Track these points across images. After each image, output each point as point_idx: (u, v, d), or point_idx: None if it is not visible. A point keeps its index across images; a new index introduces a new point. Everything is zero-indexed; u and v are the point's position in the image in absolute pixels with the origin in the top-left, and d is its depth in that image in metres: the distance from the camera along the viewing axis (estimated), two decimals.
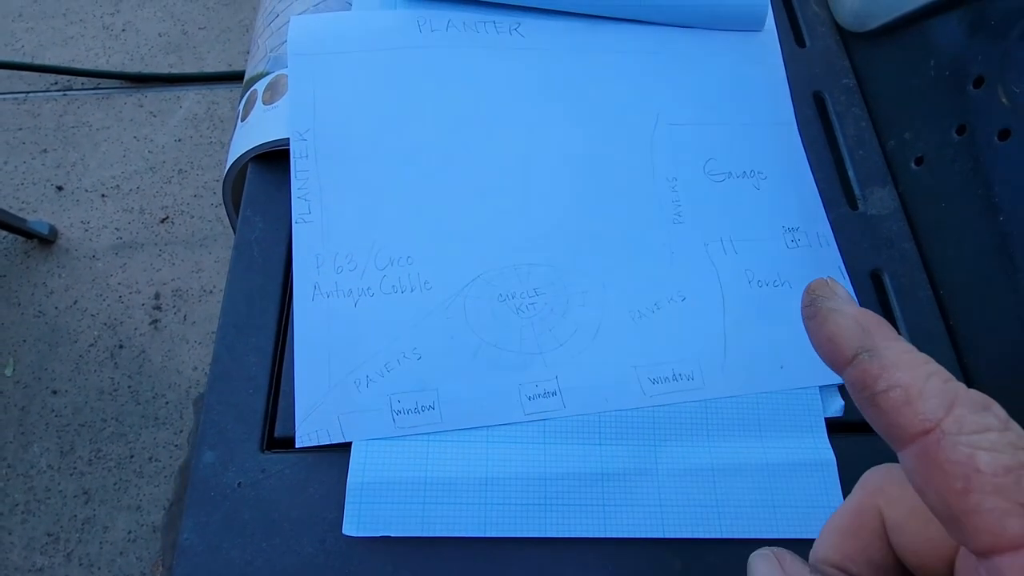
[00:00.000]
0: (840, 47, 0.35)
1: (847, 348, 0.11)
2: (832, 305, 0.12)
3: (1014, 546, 0.09)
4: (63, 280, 0.93)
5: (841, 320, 0.11)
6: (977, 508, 0.09)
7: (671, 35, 0.32)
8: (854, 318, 0.11)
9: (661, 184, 0.29)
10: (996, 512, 0.09)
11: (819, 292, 0.12)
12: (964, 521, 0.09)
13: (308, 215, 0.25)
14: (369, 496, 0.22)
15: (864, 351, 0.11)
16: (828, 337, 0.12)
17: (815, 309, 0.12)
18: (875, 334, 0.11)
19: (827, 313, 0.12)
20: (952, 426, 0.10)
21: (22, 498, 0.82)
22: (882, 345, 0.11)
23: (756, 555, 0.13)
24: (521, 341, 0.25)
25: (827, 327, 0.12)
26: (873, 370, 0.11)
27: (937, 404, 0.10)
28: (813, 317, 0.12)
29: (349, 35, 0.28)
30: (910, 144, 0.31)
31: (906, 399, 0.10)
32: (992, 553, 0.09)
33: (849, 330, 0.11)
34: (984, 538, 0.09)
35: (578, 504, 0.23)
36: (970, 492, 0.09)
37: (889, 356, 0.11)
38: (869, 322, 0.11)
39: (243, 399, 0.24)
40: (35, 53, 1.07)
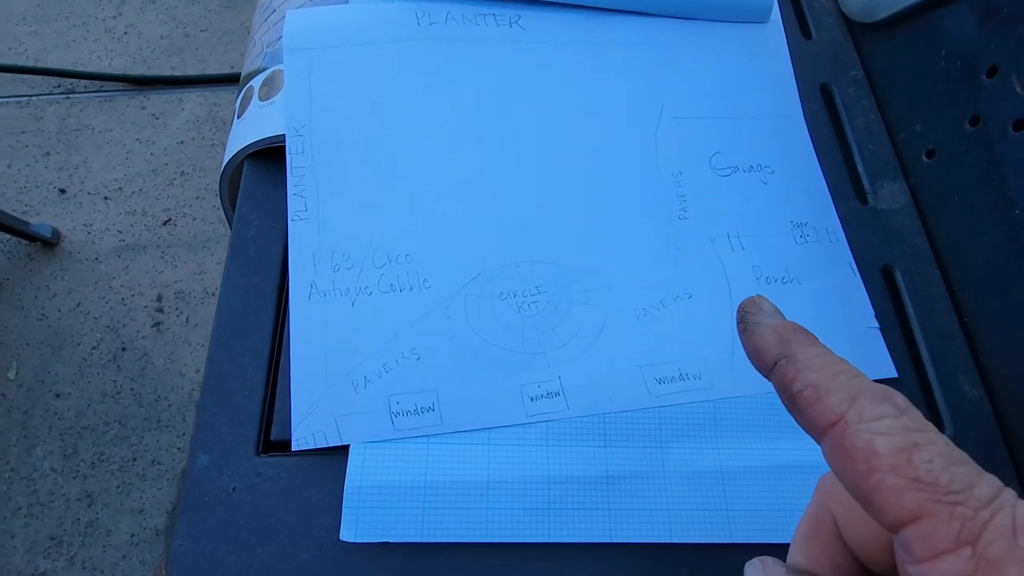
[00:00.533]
0: (847, 38, 0.34)
1: (769, 356, 0.13)
2: (757, 319, 0.13)
3: (912, 518, 0.10)
4: (66, 283, 0.93)
5: (763, 332, 0.13)
6: (879, 486, 0.10)
7: (674, 27, 0.31)
8: (774, 329, 0.13)
9: (666, 179, 0.28)
10: (894, 488, 0.10)
11: (747, 309, 0.14)
12: (872, 500, 0.10)
13: (304, 212, 0.25)
14: (367, 501, 0.21)
15: (783, 357, 0.12)
16: (754, 348, 0.13)
17: (744, 324, 0.14)
18: (792, 342, 0.12)
19: (753, 327, 0.13)
20: (854, 416, 0.11)
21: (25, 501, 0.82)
22: (798, 351, 0.12)
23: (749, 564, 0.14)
24: (523, 340, 0.24)
25: (752, 339, 0.13)
26: (790, 373, 0.12)
27: (842, 398, 0.11)
28: (744, 332, 0.14)
29: (346, 28, 0.28)
30: (921, 136, 0.30)
31: (816, 396, 0.11)
32: (898, 526, 0.10)
33: (769, 340, 0.13)
34: (889, 513, 0.10)
35: (583, 508, 0.22)
36: (872, 472, 0.10)
37: (802, 360, 0.12)
38: (787, 332, 0.13)
39: (238, 401, 0.24)
40: (38, 56, 1.08)
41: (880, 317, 0.27)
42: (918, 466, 0.10)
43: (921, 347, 0.27)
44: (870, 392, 0.11)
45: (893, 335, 0.27)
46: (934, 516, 0.10)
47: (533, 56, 0.29)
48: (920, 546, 0.10)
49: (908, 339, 0.27)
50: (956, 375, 0.26)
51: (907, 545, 0.10)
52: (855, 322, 0.26)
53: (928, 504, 0.10)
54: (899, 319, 0.27)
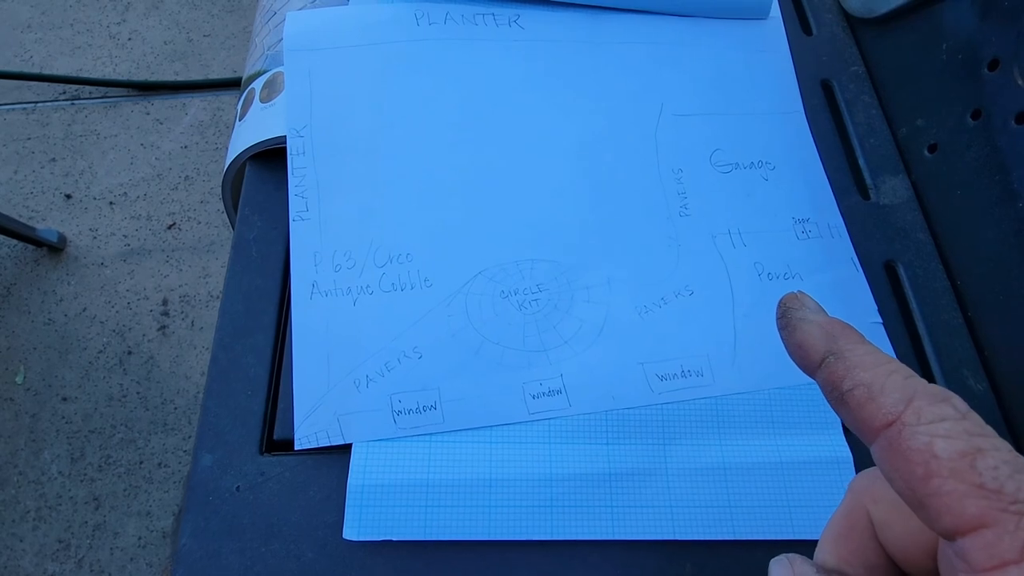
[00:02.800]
0: (847, 34, 0.34)
1: (815, 353, 0.12)
2: (801, 315, 0.13)
3: (973, 526, 0.09)
4: (72, 287, 0.93)
5: (809, 328, 0.13)
6: (938, 491, 0.10)
7: (673, 25, 0.31)
8: (821, 326, 0.13)
9: (667, 176, 0.28)
10: (955, 495, 0.09)
11: (790, 304, 0.14)
12: (928, 505, 0.10)
13: (305, 212, 0.25)
14: (370, 499, 0.21)
15: (831, 355, 0.12)
16: (799, 344, 0.13)
17: (787, 320, 0.13)
18: (840, 339, 0.12)
19: (797, 323, 0.13)
20: (911, 417, 0.10)
21: (33, 505, 0.82)
22: (846, 348, 0.12)
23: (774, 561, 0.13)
24: (524, 338, 0.24)
25: (797, 335, 0.13)
26: (839, 371, 0.12)
27: (898, 398, 0.11)
28: (785, 327, 0.13)
29: (346, 29, 0.28)
30: (923, 131, 0.30)
31: (869, 396, 0.11)
32: (956, 534, 0.10)
33: (816, 337, 0.12)
34: (947, 520, 0.10)
35: (585, 506, 0.22)
36: (931, 477, 0.10)
37: (853, 358, 0.12)
38: (835, 329, 0.12)
39: (241, 401, 0.24)
40: (44, 63, 1.09)
41: (883, 312, 0.27)
42: (982, 472, 0.09)
43: (925, 342, 0.26)
44: (928, 393, 0.11)
45: (896, 330, 0.27)
46: (999, 525, 0.09)
47: (532, 55, 0.29)
48: (981, 556, 0.09)
49: (912, 334, 0.27)
50: (960, 369, 0.26)
51: (964, 554, 0.09)
52: (858, 317, 0.26)
53: (992, 512, 0.09)
54: (902, 314, 0.27)
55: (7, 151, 1.02)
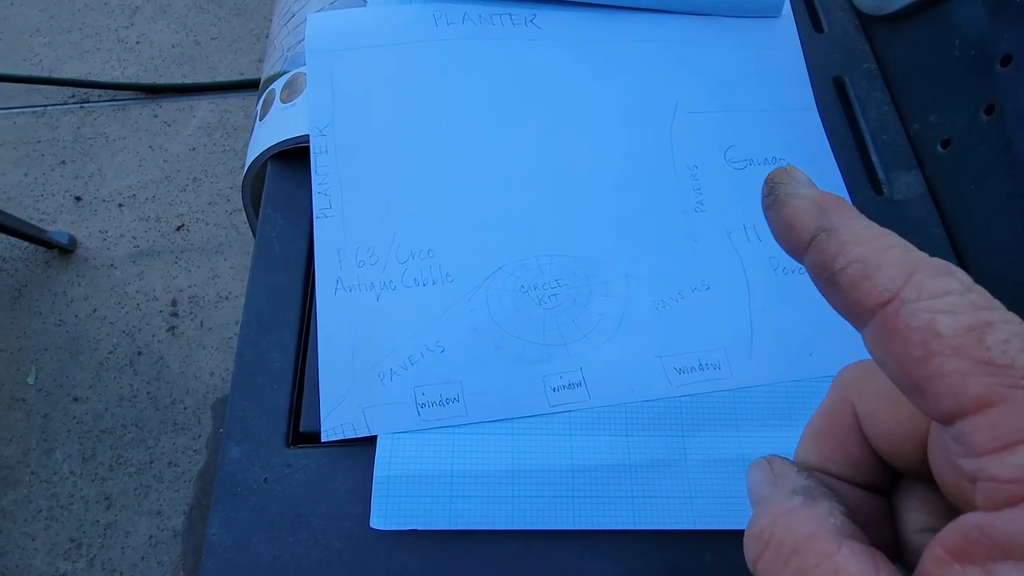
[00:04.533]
0: (859, 31, 0.34)
1: (805, 231, 0.11)
2: (789, 190, 0.11)
3: (978, 406, 0.08)
4: (82, 289, 0.94)
5: (798, 203, 0.11)
6: (938, 372, 0.09)
7: (687, 23, 0.31)
8: (812, 199, 0.11)
9: (682, 173, 0.28)
10: (957, 373, 0.09)
11: (777, 179, 0.12)
12: (926, 388, 0.09)
13: (329, 210, 0.25)
14: (396, 489, 0.22)
15: (822, 231, 0.10)
16: (786, 223, 0.11)
17: (773, 197, 0.12)
18: (833, 213, 0.11)
19: (784, 198, 0.11)
20: (911, 293, 0.09)
21: (45, 504, 0.83)
22: (840, 223, 0.10)
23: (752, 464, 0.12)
24: (544, 332, 0.25)
25: (785, 212, 0.11)
26: (831, 248, 0.10)
27: (896, 273, 0.09)
28: (772, 206, 0.12)
29: (366, 30, 0.28)
30: (936, 127, 0.30)
31: (864, 273, 0.10)
32: (956, 417, 0.09)
33: (806, 212, 0.11)
34: (946, 403, 0.09)
35: (606, 496, 0.22)
36: (931, 357, 0.09)
37: (846, 232, 0.10)
38: (827, 202, 0.11)
39: (267, 395, 0.24)
40: (53, 67, 1.10)
41: None
42: (991, 347, 0.08)
43: None
44: (929, 266, 0.09)
45: None
46: (1007, 402, 0.08)
47: (549, 54, 0.29)
48: (984, 436, 0.08)
49: None
50: None
51: (964, 437, 0.09)
52: None
53: (1000, 390, 0.08)
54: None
55: (17, 154, 1.03)
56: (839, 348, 0.25)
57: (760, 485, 0.12)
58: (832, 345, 0.25)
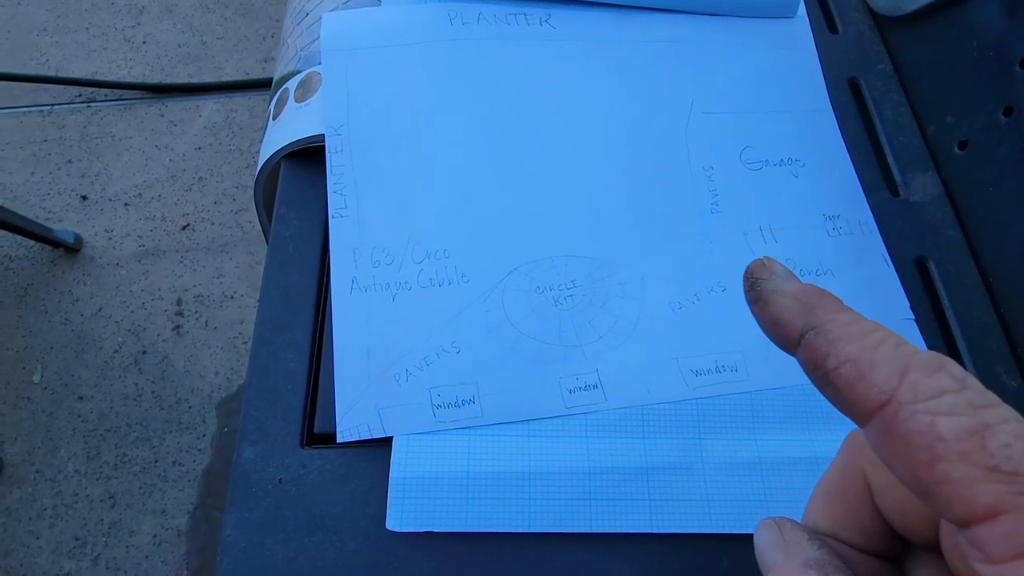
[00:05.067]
0: (874, 32, 0.34)
1: (792, 330, 0.11)
2: (772, 286, 0.11)
3: (989, 514, 0.08)
4: (88, 288, 0.94)
5: (782, 300, 0.11)
6: (946, 478, 0.09)
7: (702, 23, 0.31)
8: (794, 296, 0.11)
9: (697, 174, 0.28)
10: (965, 481, 0.08)
11: (757, 274, 0.12)
12: (936, 492, 0.09)
13: (344, 210, 0.25)
14: (412, 491, 0.22)
15: (809, 329, 0.11)
16: (772, 320, 0.11)
17: (756, 293, 0.12)
18: (818, 309, 0.11)
19: (768, 295, 0.11)
20: (907, 394, 0.09)
21: (50, 503, 0.83)
22: (826, 320, 0.10)
23: (760, 524, 0.12)
24: (560, 334, 0.24)
25: (769, 310, 0.11)
26: (821, 348, 0.10)
27: (889, 373, 0.09)
28: (756, 301, 0.12)
29: (381, 30, 0.28)
30: (953, 128, 0.30)
31: (857, 373, 0.10)
32: (969, 523, 0.09)
33: (791, 310, 0.11)
34: (958, 509, 0.09)
35: (623, 499, 0.22)
36: (936, 462, 0.09)
37: (835, 330, 0.10)
38: (811, 297, 0.11)
39: (282, 395, 0.24)
40: (60, 66, 1.10)
41: (915, 309, 0.27)
42: (994, 452, 0.08)
43: (958, 339, 0.27)
44: (921, 363, 0.09)
45: (929, 327, 0.27)
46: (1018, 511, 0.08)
47: (564, 54, 0.29)
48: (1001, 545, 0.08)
49: (944, 331, 0.27)
50: (994, 366, 0.26)
51: (981, 544, 0.09)
52: (890, 314, 0.26)
53: (1009, 498, 0.08)
54: (934, 311, 0.27)
55: (24, 153, 1.03)
56: None
57: (770, 550, 0.12)
58: None
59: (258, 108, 1.08)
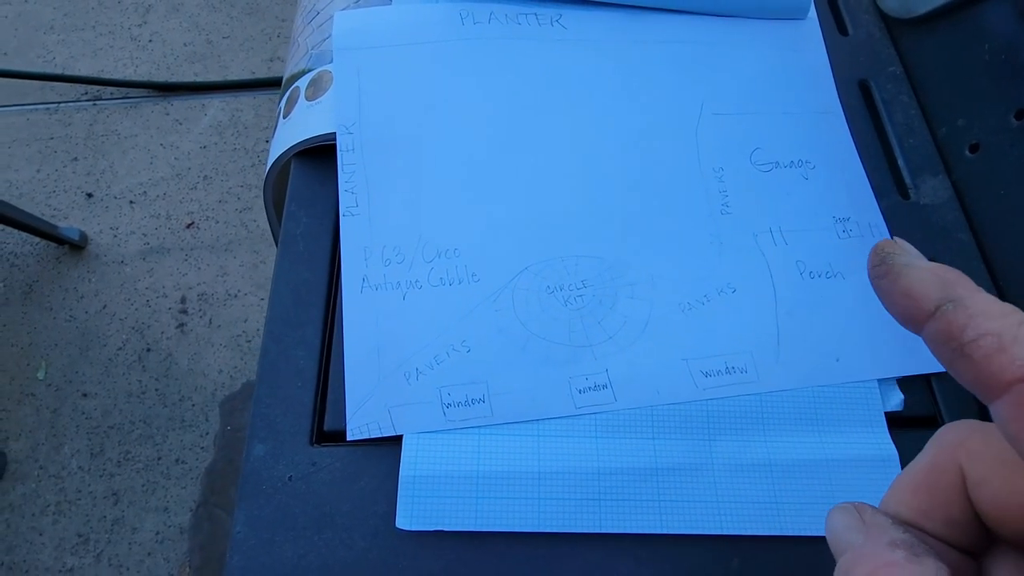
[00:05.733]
0: (884, 34, 0.34)
1: (927, 301, 0.11)
2: (905, 261, 0.11)
3: None
4: (93, 285, 0.95)
5: (917, 273, 0.11)
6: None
7: (712, 24, 0.31)
8: (932, 271, 0.11)
9: (708, 174, 0.28)
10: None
11: (889, 250, 0.12)
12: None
13: (355, 208, 0.25)
14: (422, 490, 0.22)
15: (948, 302, 0.10)
16: (904, 292, 0.11)
17: (887, 267, 0.12)
18: (957, 286, 0.11)
19: (901, 268, 0.11)
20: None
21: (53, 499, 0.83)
22: (966, 296, 0.10)
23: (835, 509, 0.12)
24: (570, 334, 0.24)
25: (902, 281, 0.11)
26: (959, 320, 0.10)
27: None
28: (885, 275, 0.12)
29: (393, 29, 0.28)
30: (964, 131, 0.30)
31: (999, 346, 0.10)
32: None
33: (928, 282, 0.11)
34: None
35: (632, 499, 0.22)
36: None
37: (975, 306, 0.10)
38: (948, 273, 0.11)
39: (292, 392, 0.24)
40: (66, 64, 1.10)
41: None
42: None
43: None
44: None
45: None
46: None
47: (574, 54, 0.29)
48: None
49: None
50: None
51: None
52: None
53: None
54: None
55: (30, 150, 1.03)
56: (866, 353, 0.25)
57: (847, 531, 0.11)
58: (859, 350, 0.25)
59: (263, 107, 1.08)
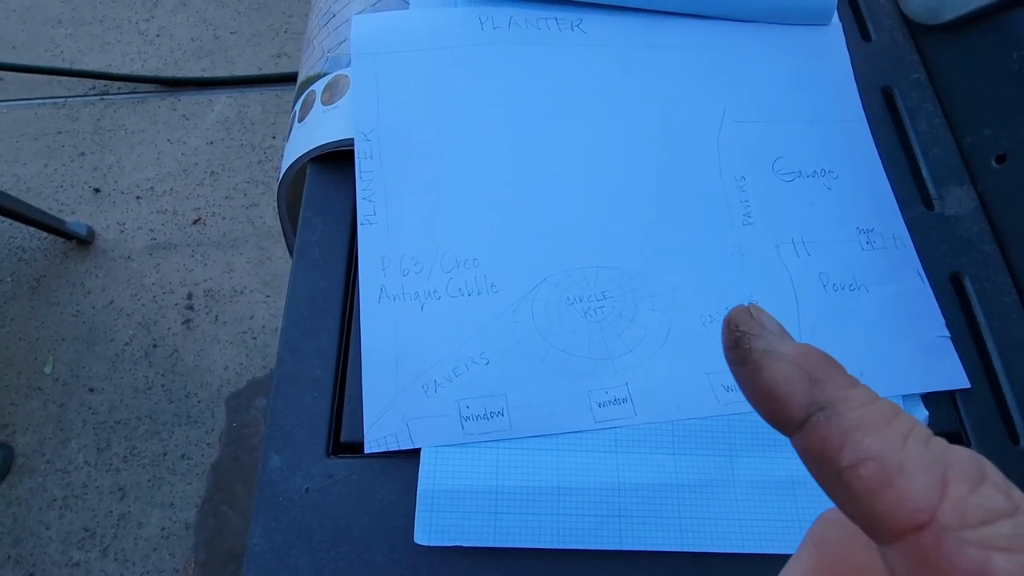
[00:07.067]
0: (908, 40, 0.34)
1: (794, 407, 0.09)
2: (764, 346, 0.09)
3: None
4: (100, 280, 0.95)
5: (779, 368, 0.09)
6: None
7: (734, 30, 0.31)
8: (795, 362, 0.09)
9: (729, 184, 0.28)
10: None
11: (744, 328, 0.10)
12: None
13: (373, 216, 0.25)
14: (440, 504, 0.21)
15: (816, 409, 0.08)
16: (766, 392, 0.09)
17: (742, 353, 0.09)
18: (827, 382, 0.09)
19: (759, 357, 0.09)
20: (952, 517, 0.07)
21: (60, 493, 0.84)
22: (837, 398, 0.08)
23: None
24: (590, 346, 0.24)
25: (763, 376, 0.09)
26: (834, 438, 0.08)
27: (926, 484, 0.07)
28: (743, 363, 0.09)
29: (412, 33, 0.28)
30: (990, 140, 0.29)
31: (884, 478, 0.08)
32: None
33: (793, 380, 0.09)
34: None
35: (653, 516, 0.22)
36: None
37: (850, 415, 0.08)
38: (815, 365, 0.09)
39: (308, 403, 0.24)
40: (74, 59, 1.10)
41: (950, 327, 0.26)
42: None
43: (994, 357, 0.26)
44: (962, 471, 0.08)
45: (964, 345, 0.26)
46: None
47: (595, 60, 0.29)
48: None
49: (980, 349, 0.26)
50: None
51: None
52: (925, 331, 0.26)
53: None
54: (970, 328, 0.27)
55: (38, 145, 1.03)
56: (890, 368, 0.25)
57: None
58: (883, 365, 0.25)
59: (270, 103, 1.08)
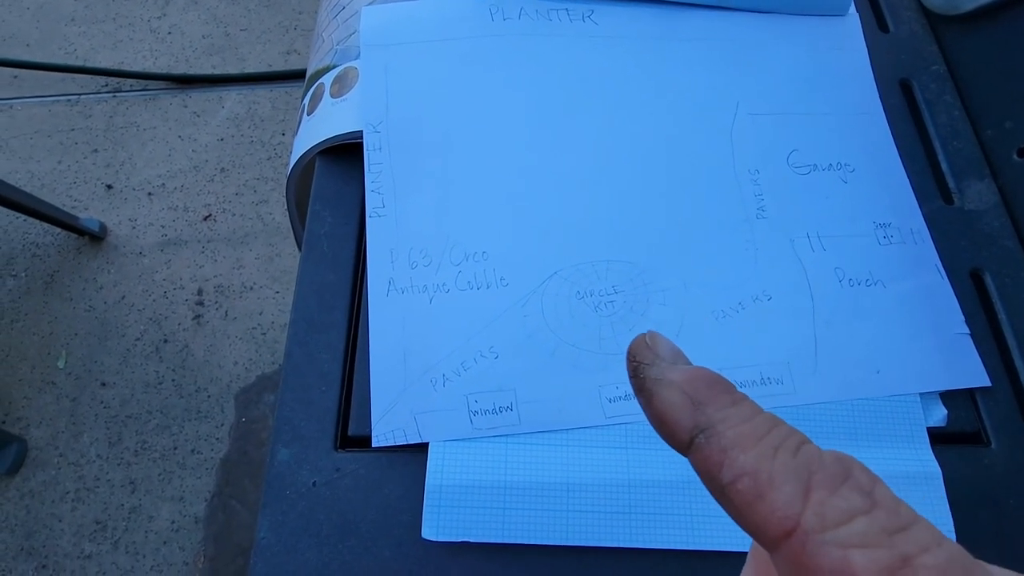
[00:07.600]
0: (927, 31, 0.33)
1: (680, 430, 0.10)
2: (655, 374, 0.10)
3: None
4: (112, 276, 0.96)
5: (668, 395, 0.10)
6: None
7: (748, 21, 0.30)
8: (680, 388, 0.10)
9: (743, 177, 0.27)
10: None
11: (640, 358, 0.10)
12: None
13: (382, 209, 0.25)
14: (448, 499, 0.21)
15: (699, 432, 0.09)
16: (658, 418, 0.10)
17: (639, 381, 0.10)
18: (708, 404, 0.09)
19: (652, 386, 0.10)
20: (814, 521, 0.08)
21: (72, 486, 0.85)
22: (717, 419, 0.09)
23: None
24: (600, 340, 0.24)
25: (655, 404, 0.10)
26: (713, 456, 0.09)
27: (791, 492, 0.08)
28: (640, 391, 0.10)
29: (422, 24, 0.28)
30: (1011, 134, 0.28)
31: (756, 492, 0.08)
32: None
33: (679, 407, 0.10)
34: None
35: (663, 513, 0.22)
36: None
37: (728, 434, 0.09)
38: (698, 389, 0.10)
39: (316, 396, 0.24)
40: (87, 56, 1.11)
41: (970, 323, 0.26)
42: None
43: (1015, 354, 0.25)
44: (825, 476, 0.08)
45: (984, 341, 0.25)
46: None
47: (606, 51, 0.28)
48: None
49: (1001, 346, 0.26)
50: None
51: None
52: (944, 328, 0.25)
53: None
54: (990, 325, 0.26)
55: (52, 141, 1.04)
56: (908, 365, 0.24)
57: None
58: (900, 362, 0.24)
59: (280, 100, 1.08)
